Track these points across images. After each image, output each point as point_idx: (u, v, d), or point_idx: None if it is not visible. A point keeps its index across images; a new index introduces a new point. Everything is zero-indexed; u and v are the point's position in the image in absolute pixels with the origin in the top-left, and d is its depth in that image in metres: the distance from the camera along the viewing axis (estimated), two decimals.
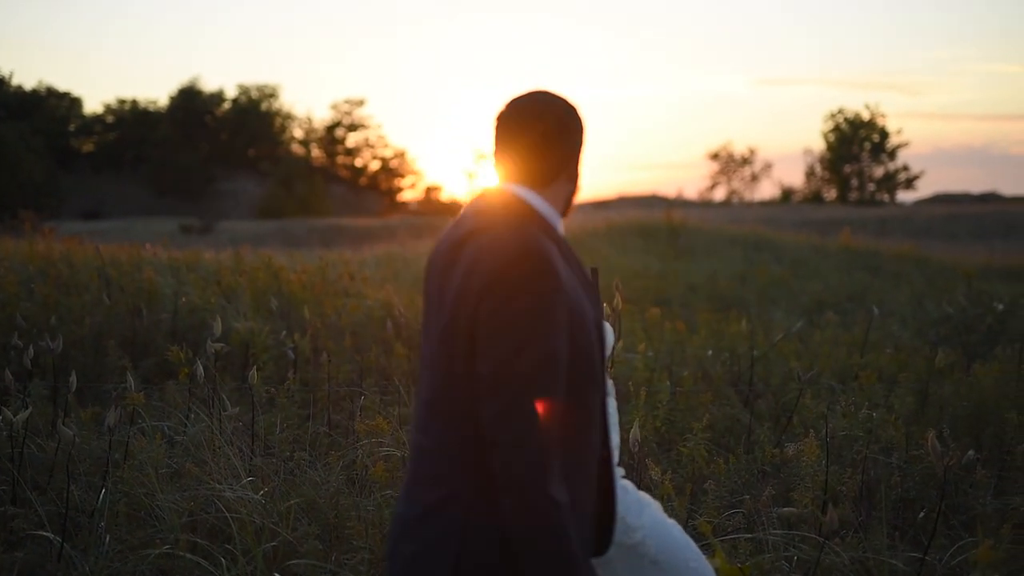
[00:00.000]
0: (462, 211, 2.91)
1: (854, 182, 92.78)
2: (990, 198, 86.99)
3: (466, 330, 2.64)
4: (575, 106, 2.90)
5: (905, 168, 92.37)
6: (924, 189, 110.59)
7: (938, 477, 5.25)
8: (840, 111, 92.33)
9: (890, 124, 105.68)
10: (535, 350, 2.55)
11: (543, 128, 2.82)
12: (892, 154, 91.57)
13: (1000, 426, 6.70)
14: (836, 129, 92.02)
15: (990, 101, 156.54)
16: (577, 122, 2.89)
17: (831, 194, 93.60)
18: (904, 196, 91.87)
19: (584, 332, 2.67)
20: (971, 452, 5.93)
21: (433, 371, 2.76)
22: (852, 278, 18.50)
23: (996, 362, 8.99)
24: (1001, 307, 13.45)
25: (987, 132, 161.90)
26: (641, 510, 3.28)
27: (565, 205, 2.93)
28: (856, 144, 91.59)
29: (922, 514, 5.37)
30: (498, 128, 2.87)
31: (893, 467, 5.81)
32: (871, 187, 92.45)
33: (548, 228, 2.79)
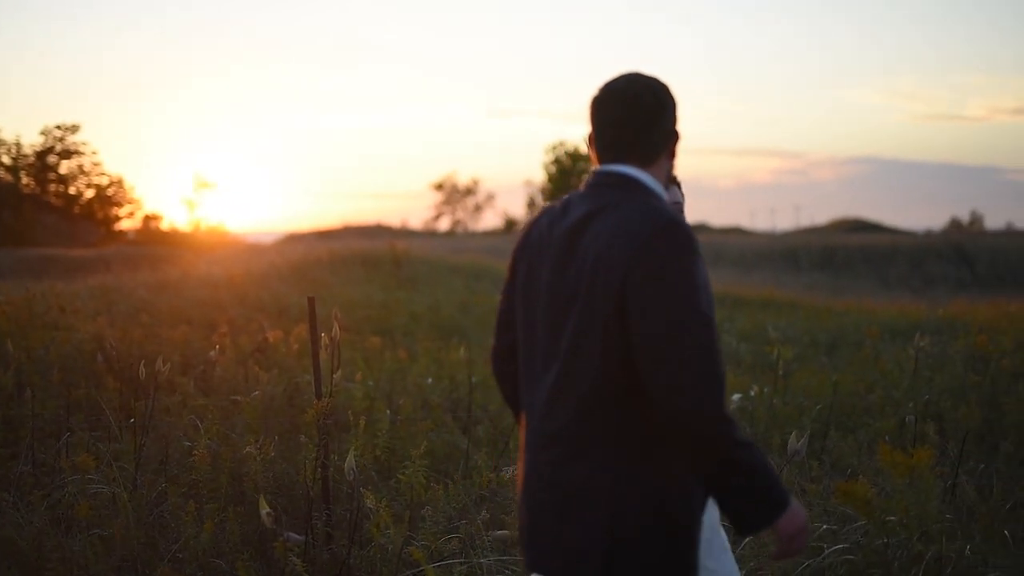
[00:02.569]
0: (567, 197, 3.00)
1: None
2: (700, 228, 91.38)
3: (610, 300, 2.72)
4: (667, 84, 2.99)
5: None
6: None
7: None
8: (561, 143, 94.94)
9: None
10: (699, 311, 2.67)
11: (645, 107, 2.91)
12: None
13: None
14: (556, 161, 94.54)
15: (700, 136, 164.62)
16: (672, 99, 2.98)
17: None
18: None
19: (711, 296, 2.77)
20: None
21: (557, 353, 2.84)
22: None
23: None
24: None
25: (698, 165, 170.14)
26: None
27: (666, 181, 3.02)
28: (575, 176, 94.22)
29: None
30: (598, 112, 2.96)
31: None
32: None
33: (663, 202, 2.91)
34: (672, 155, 3.01)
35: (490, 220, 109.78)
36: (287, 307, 16.34)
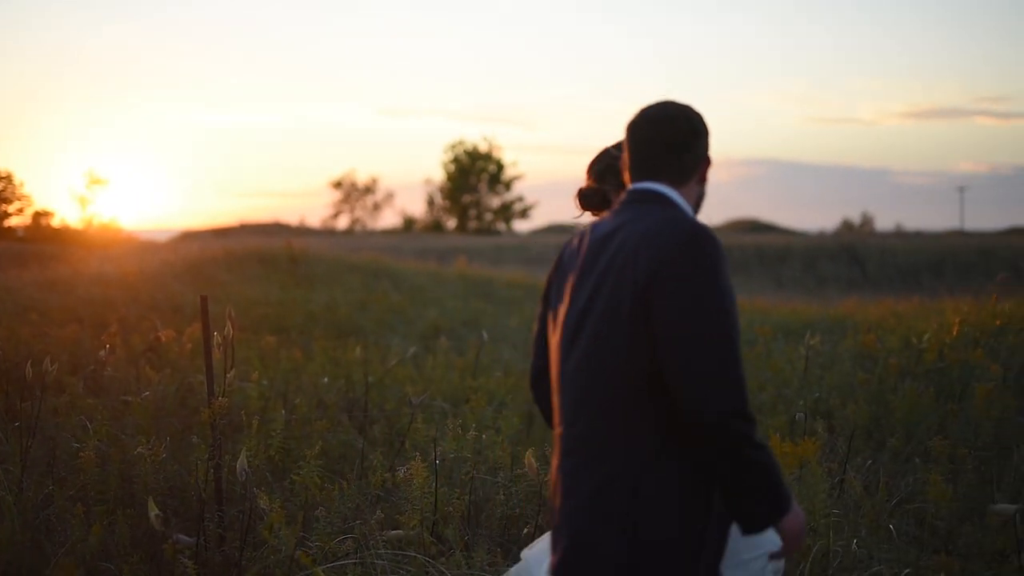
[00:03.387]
0: (601, 217, 3.23)
1: (473, 212, 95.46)
2: None
3: (636, 304, 2.86)
4: (700, 113, 3.16)
5: (521, 199, 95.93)
6: (539, 219, 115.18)
7: (539, 494, 5.51)
8: (460, 142, 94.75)
9: (506, 156, 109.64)
10: (724, 314, 2.82)
11: (679, 130, 3.09)
12: (508, 185, 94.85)
13: None
14: (455, 160, 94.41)
15: (599, 137, 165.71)
16: (705, 127, 3.16)
17: (451, 223, 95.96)
18: (520, 226, 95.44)
19: (735, 301, 2.90)
20: None
21: (581, 357, 2.98)
22: (467, 304, 19.04)
23: None
24: None
25: None
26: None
27: (696, 205, 3.18)
28: (474, 175, 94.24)
29: (525, 530, 5.58)
30: (633, 135, 3.14)
31: (499, 486, 6.01)
32: (489, 217, 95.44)
33: None
34: (703, 180, 3.17)
35: (389, 219, 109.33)
36: (181, 306, 16.10)
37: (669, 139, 3.08)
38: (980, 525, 5.68)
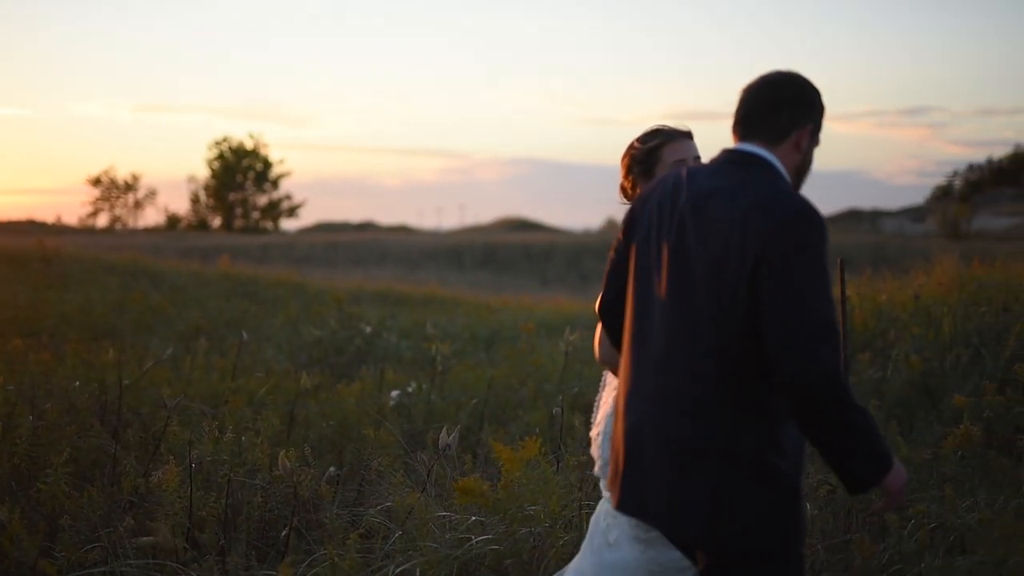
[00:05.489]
0: (691, 169, 3.31)
1: (239, 210, 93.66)
2: (368, 227, 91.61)
3: (743, 269, 3.02)
4: (817, 88, 3.26)
5: (288, 197, 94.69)
6: (307, 218, 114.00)
7: (295, 495, 5.45)
8: (225, 139, 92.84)
9: (273, 154, 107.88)
10: (828, 285, 3.01)
11: (782, 91, 3.22)
12: (275, 183, 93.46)
13: (360, 442, 7.07)
14: (221, 157, 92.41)
15: (366, 135, 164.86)
16: (813, 98, 3.25)
17: (217, 222, 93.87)
18: (288, 224, 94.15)
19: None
20: (332, 468, 6.22)
21: (677, 315, 3.13)
22: (231, 304, 18.66)
23: (360, 381, 9.49)
24: (369, 329, 14.23)
25: (364, 164, 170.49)
26: None
27: (793, 173, 3.25)
28: (240, 173, 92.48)
29: (284, 532, 5.52)
30: (745, 93, 3.28)
31: (258, 488, 5.92)
32: (256, 215, 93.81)
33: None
34: (798, 147, 3.23)
35: (152, 217, 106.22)
36: None
37: (772, 97, 3.23)
38: None
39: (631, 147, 4.16)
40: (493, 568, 5.04)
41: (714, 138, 4.13)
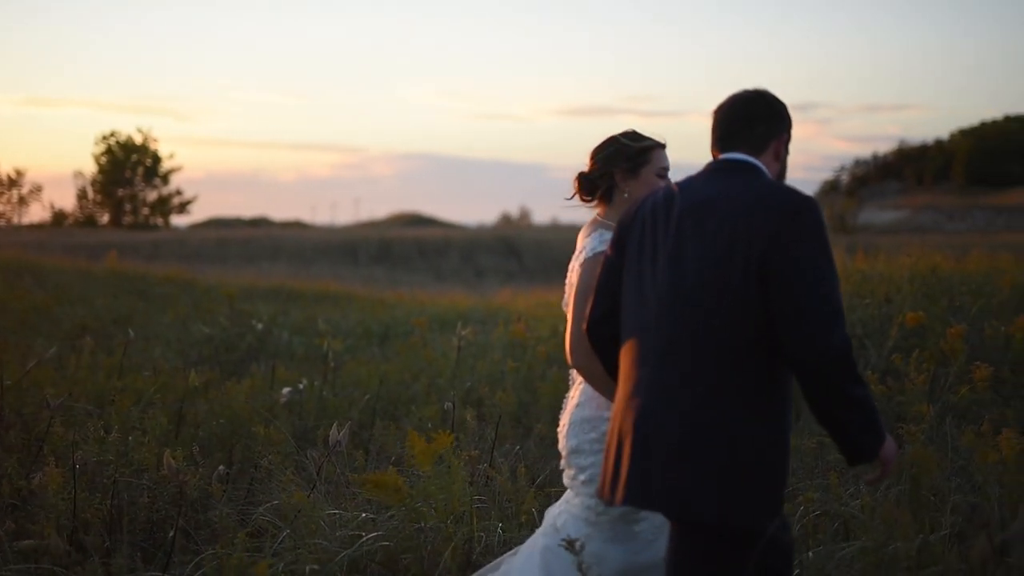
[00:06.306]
0: (683, 181, 3.51)
1: (128, 206, 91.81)
2: (261, 223, 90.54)
3: (750, 262, 3.22)
4: (781, 101, 3.57)
5: (179, 193, 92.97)
6: (198, 214, 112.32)
7: (181, 494, 5.36)
8: (113, 134, 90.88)
9: (163, 148, 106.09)
10: (835, 270, 3.25)
11: (755, 107, 3.52)
12: (165, 178, 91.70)
13: (250, 440, 6.99)
14: (108, 152, 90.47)
15: (258, 130, 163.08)
16: (781, 111, 3.57)
17: (105, 218, 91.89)
18: (178, 220, 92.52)
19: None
20: (221, 467, 6.13)
21: (682, 312, 3.31)
22: (119, 302, 18.29)
23: (251, 379, 9.38)
24: (260, 326, 14.07)
25: (257, 159, 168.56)
26: None
27: (775, 179, 3.52)
28: (129, 168, 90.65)
29: (171, 532, 5.43)
30: (720, 111, 3.56)
31: (144, 488, 5.82)
32: (145, 211, 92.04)
33: None
34: (777, 156, 3.54)
35: (37, 213, 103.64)
36: None
37: (746, 113, 3.51)
38: None
39: (614, 141, 4.25)
40: (384, 565, 5.02)
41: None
